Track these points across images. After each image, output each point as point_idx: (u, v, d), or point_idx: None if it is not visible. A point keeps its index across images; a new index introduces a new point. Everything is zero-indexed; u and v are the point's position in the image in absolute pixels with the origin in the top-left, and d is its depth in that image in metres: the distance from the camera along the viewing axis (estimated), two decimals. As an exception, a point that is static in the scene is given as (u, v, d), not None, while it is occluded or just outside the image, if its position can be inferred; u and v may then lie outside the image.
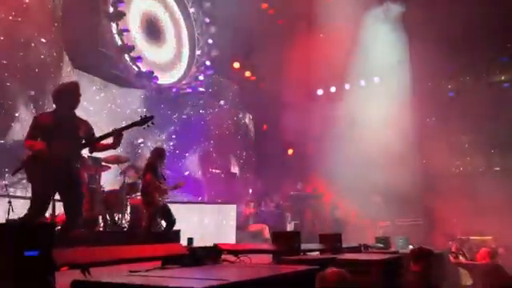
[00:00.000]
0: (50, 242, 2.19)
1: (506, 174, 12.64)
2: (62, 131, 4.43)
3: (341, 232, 5.37)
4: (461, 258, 6.32)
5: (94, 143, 4.65)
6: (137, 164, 8.17)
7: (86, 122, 4.70)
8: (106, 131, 4.63)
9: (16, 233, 2.09)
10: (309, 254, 4.70)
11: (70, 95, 4.60)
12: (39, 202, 4.25)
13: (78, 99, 4.64)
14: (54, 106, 4.66)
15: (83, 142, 4.59)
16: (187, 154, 11.96)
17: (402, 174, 10.74)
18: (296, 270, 2.55)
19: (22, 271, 2.05)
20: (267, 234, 9.72)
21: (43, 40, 8.44)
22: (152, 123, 4.70)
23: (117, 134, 4.56)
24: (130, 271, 2.98)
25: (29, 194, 4.61)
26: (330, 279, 2.73)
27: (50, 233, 2.21)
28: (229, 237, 9.66)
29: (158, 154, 6.66)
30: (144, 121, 4.64)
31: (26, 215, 4.21)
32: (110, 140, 4.64)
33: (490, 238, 9.89)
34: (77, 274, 2.41)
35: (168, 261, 3.09)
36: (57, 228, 4.75)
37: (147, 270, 2.81)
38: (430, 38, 11.48)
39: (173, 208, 6.67)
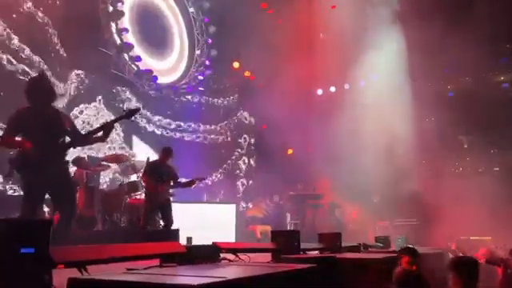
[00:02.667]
0: (46, 239, 2.16)
1: (506, 174, 12.62)
2: (45, 127, 4.28)
3: (340, 231, 5.34)
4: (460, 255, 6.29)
5: (84, 138, 4.61)
6: (136, 164, 8.13)
7: (67, 116, 4.69)
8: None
9: (12, 229, 2.06)
10: (308, 252, 4.68)
11: (42, 89, 4.40)
12: (31, 204, 4.12)
13: (53, 91, 4.52)
14: (29, 102, 4.39)
15: (71, 137, 4.47)
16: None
17: (401, 173, 10.72)
18: (295, 268, 2.52)
19: (17, 268, 2.02)
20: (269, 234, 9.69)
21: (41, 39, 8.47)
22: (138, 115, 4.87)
23: (108, 128, 4.58)
24: (128, 269, 2.96)
25: None
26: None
27: (46, 230, 2.18)
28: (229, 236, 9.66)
29: (162, 153, 6.74)
30: (131, 113, 4.67)
31: (20, 216, 4.10)
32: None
33: (489, 238, 9.87)
34: (74, 272, 2.39)
35: (166, 259, 3.07)
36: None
37: (145, 269, 2.80)
38: (430, 38, 11.46)
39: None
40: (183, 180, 6.91)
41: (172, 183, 6.79)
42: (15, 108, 4.40)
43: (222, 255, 3.50)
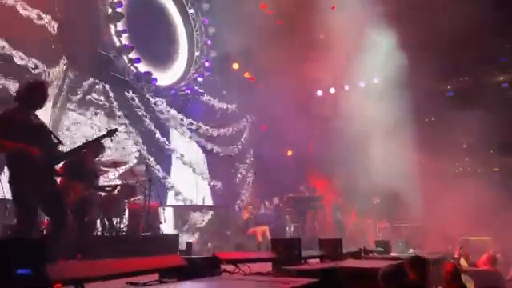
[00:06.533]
0: (42, 259, 2.12)
1: (505, 174, 12.60)
2: (39, 134, 4.10)
3: (341, 233, 5.32)
4: (462, 262, 6.28)
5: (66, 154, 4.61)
6: (135, 168, 8.07)
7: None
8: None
9: (7, 250, 2.02)
10: (309, 261, 4.64)
11: (42, 94, 4.26)
12: (27, 217, 3.93)
13: (46, 99, 4.38)
14: (19, 104, 4.14)
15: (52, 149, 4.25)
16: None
17: (400, 174, 10.68)
18: (294, 285, 2.48)
19: (14, 290, 1.98)
20: (268, 234, 9.64)
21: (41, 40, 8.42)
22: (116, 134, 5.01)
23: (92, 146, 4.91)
24: (127, 283, 2.92)
25: None
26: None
27: (42, 249, 2.14)
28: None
29: (89, 147, 5.68)
30: (110, 133, 4.82)
31: (16, 232, 4.00)
32: None
33: (489, 238, 9.84)
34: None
35: (166, 272, 3.03)
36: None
37: (144, 284, 2.76)
38: (429, 39, 11.43)
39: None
40: None
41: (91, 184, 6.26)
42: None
43: (222, 267, 3.47)
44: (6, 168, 4.09)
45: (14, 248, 2.04)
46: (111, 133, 4.76)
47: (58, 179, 5.63)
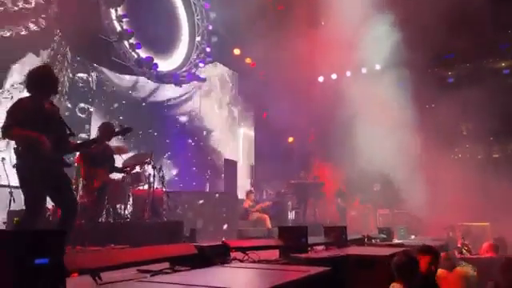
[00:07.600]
0: (60, 249, 2.14)
1: (505, 161, 12.65)
2: (52, 123, 4.03)
3: (342, 220, 5.37)
4: (464, 251, 6.35)
5: (77, 145, 4.67)
6: (139, 154, 8.06)
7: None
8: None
9: (26, 240, 2.04)
10: (315, 248, 4.70)
11: (52, 80, 4.15)
12: (34, 205, 3.90)
13: (57, 84, 4.26)
14: (31, 93, 4.04)
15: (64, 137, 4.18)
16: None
17: (401, 161, 10.73)
18: (309, 274, 2.51)
19: (32, 280, 2.00)
20: (268, 223, 9.68)
21: (42, 26, 8.34)
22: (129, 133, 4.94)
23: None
24: (138, 270, 2.95)
25: None
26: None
27: (60, 239, 2.16)
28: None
29: (102, 131, 5.70)
30: (125, 131, 4.78)
31: (23, 220, 3.95)
32: None
33: (487, 224, 9.91)
34: (87, 279, 2.38)
35: (176, 261, 3.06)
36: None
37: (156, 273, 2.78)
38: (430, 24, 11.34)
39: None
40: None
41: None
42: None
43: (231, 254, 3.50)
44: (13, 154, 4.07)
45: (33, 238, 2.06)
46: (125, 131, 4.74)
47: (81, 169, 5.91)
